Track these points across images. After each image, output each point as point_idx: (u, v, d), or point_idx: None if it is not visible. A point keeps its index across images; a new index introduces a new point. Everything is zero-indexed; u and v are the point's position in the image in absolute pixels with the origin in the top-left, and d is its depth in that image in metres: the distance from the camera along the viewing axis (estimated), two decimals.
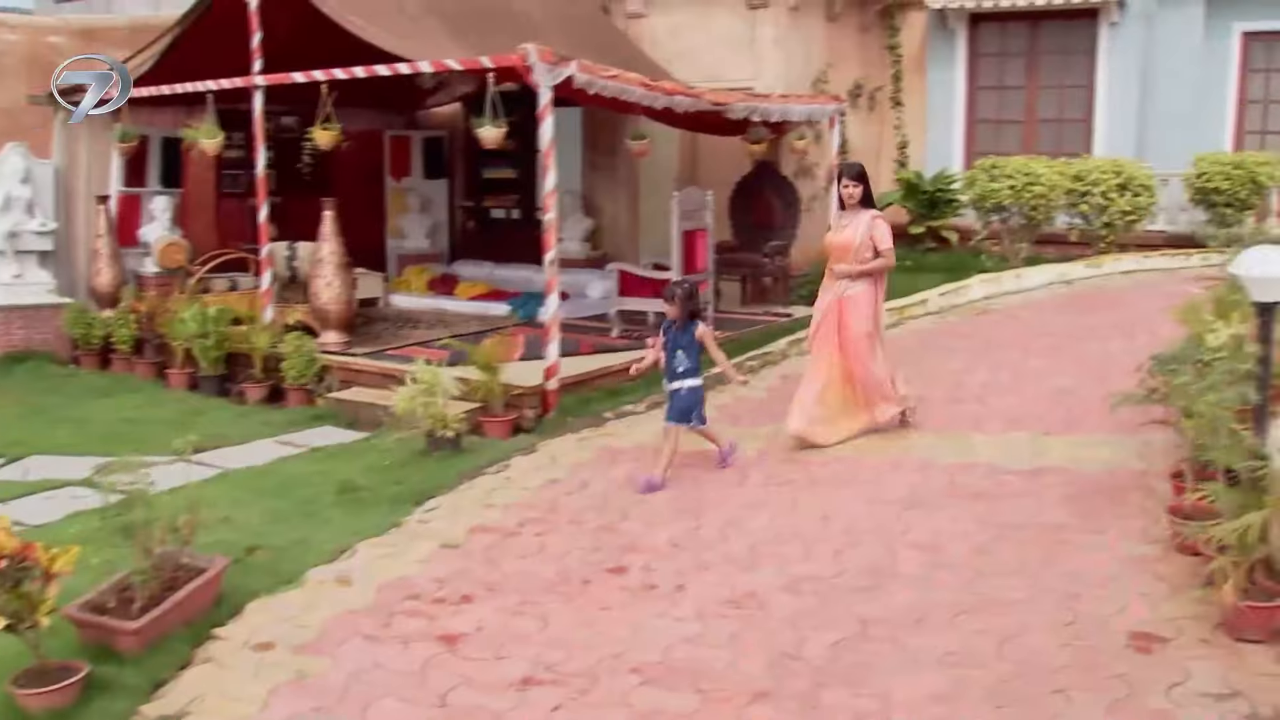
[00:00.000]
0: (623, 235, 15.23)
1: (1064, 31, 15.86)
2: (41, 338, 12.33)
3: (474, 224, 16.82)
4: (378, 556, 6.13)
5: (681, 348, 7.52)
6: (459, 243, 16.67)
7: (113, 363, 12.03)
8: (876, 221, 8.03)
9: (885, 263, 8.08)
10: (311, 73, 10.17)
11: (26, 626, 4.43)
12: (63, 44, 14.54)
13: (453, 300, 13.49)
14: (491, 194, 16.59)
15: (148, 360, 11.73)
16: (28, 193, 12.46)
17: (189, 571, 5.34)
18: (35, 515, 7.14)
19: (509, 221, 16.55)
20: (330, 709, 4.45)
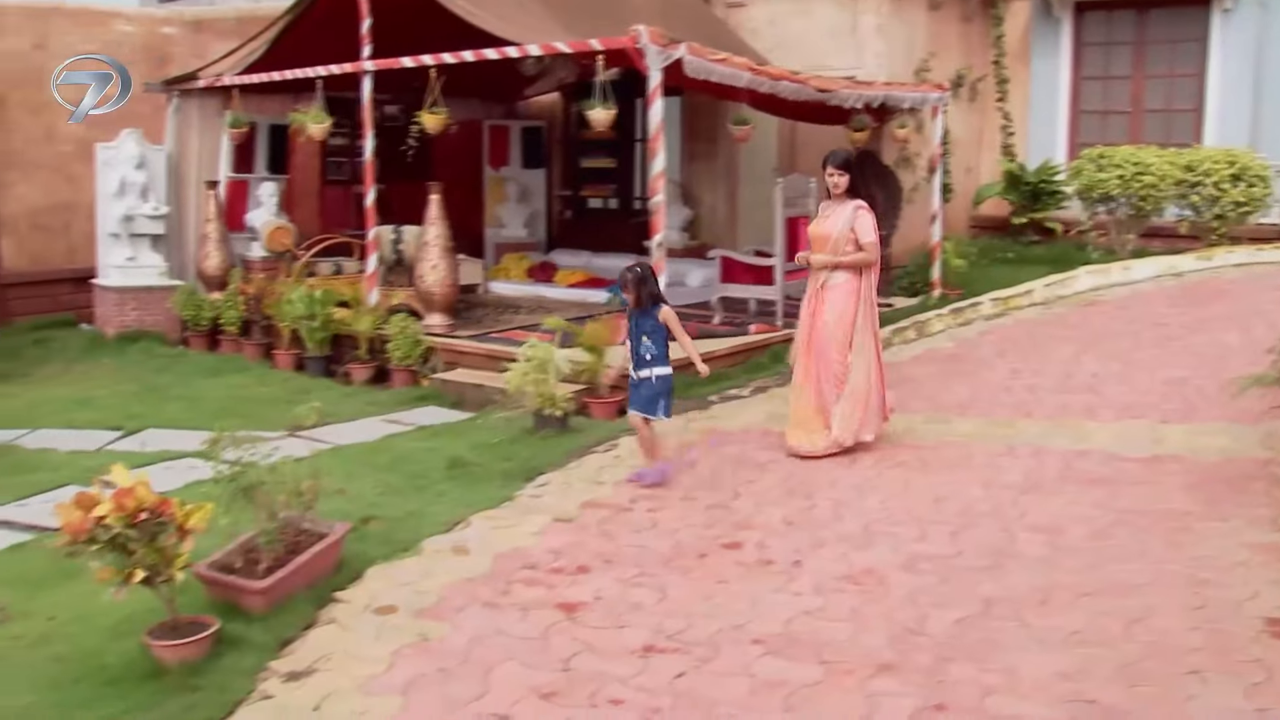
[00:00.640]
0: (721, 225, 15.20)
1: (1174, 19, 15.50)
2: (153, 319, 12.61)
3: (571, 213, 16.91)
4: (492, 528, 6.18)
5: (645, 333, 7.02)
6: (556, 232, 16.77)
7: (221, 344, 12.27)
8: (859, 212, 7.44)
9: (865, 257, 7.43)
10: (420, 57, 10.28)
11: (162, 580, 4.52)
12: (175, 34, 14.88)
13: (552, 287, 13.57)
14: (589, 183, 16.66)
15: (255, 341, 11.95)
16: (142, 178, 12.74)
17: (311, 536, 5.42)
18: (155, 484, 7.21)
19: (606, 211, 16.61)
20: (453, 671, 4.48)
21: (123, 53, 14.33)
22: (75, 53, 13.97)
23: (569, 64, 13.66)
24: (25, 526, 6.65)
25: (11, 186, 13.61)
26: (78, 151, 13.89)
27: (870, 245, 7.45)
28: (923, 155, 14.07)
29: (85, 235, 13.81)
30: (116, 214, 12.69)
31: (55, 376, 11.27)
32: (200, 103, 13.39)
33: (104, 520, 4.32)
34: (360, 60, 10.87)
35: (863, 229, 7.42)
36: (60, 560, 5.94)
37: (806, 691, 4.26)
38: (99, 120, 13.90)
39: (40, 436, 8.81)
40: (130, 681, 4.49)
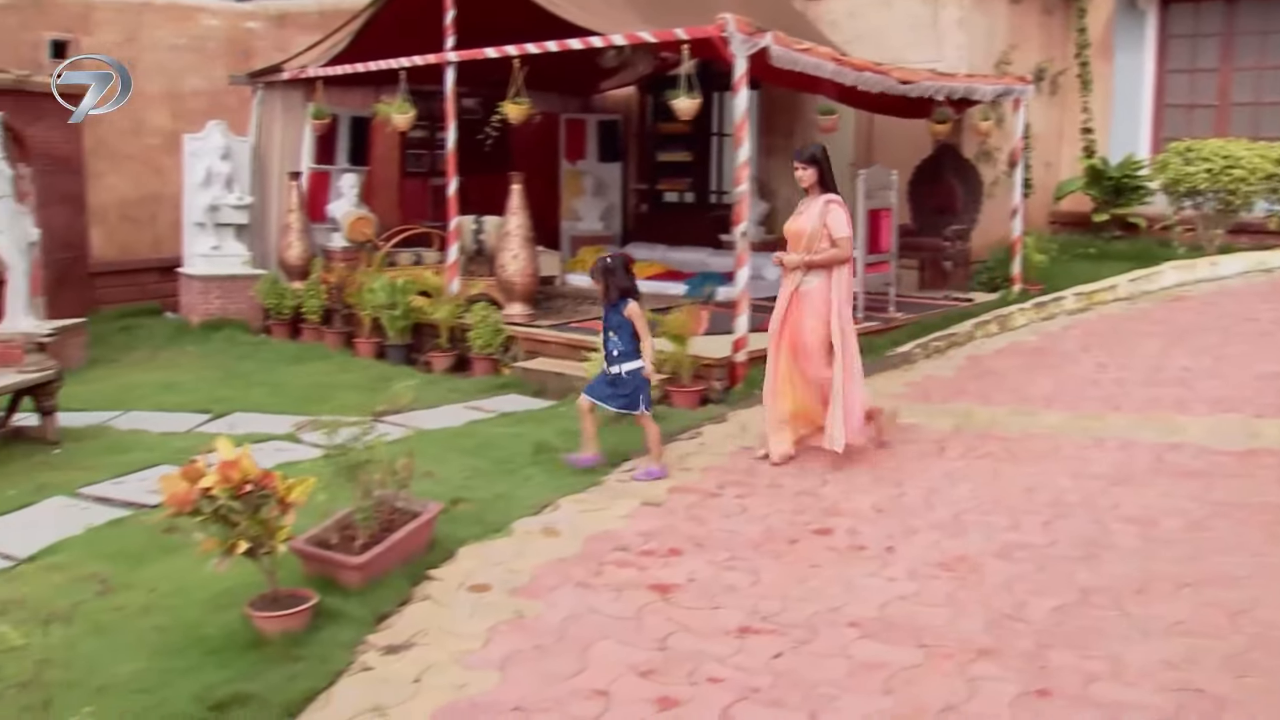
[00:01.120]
0: None
1: (1265, 10, 15.14)
2: (236, 307, 12.79)
3: (647, 207, 16.90)
4: (581, 511, 6.20)
5: (613, 329, 6.96)
6: (631, 225, 16.78)
7: (302, 332, 12.42)
8: (830, 207, 7.07)
9: (837, 254, 7.04)
10: (504, 48, 10.33)
11: (264, 552, 4.59)
12: (259, 29, 15.09)
13: None
14: (665, 177, 16.65)
15: (336, 330, 12.08)
16: (227, 168, 12.93)
17: (404, 515, 5.47)
18: None
19: (682, 205, 16.59)
20: (550, 648, 4.50)
21: (208, 47, 14.67)
22: (164, 47, 14.27)
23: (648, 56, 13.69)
24: (123, 503, 6.78)
25: (101, 177, 13.88)
26: (164, 144, 14.16)
27: (843, 241, 7.06)
28: (1002, 149, 13.89)
29: (171, 225, 14.05)
30: (202, 204, 12.90)
31: (142, 362, 11.47)
32: (283, 95, 13.57)
33: (210, 492, 4.39)
34: (443, 51, 10.93)
35: (835, 224, 7.06)
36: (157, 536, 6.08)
37: (906, 674, 4.23)
38: (185, 112, 14.24)
39: (132, 418, 8.97)
40: (231, 651, 4.56)
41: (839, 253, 7.06)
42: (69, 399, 8.65)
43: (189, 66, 14.58)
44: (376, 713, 4.02)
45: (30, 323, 10.31)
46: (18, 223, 10.79)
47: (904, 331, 10.80)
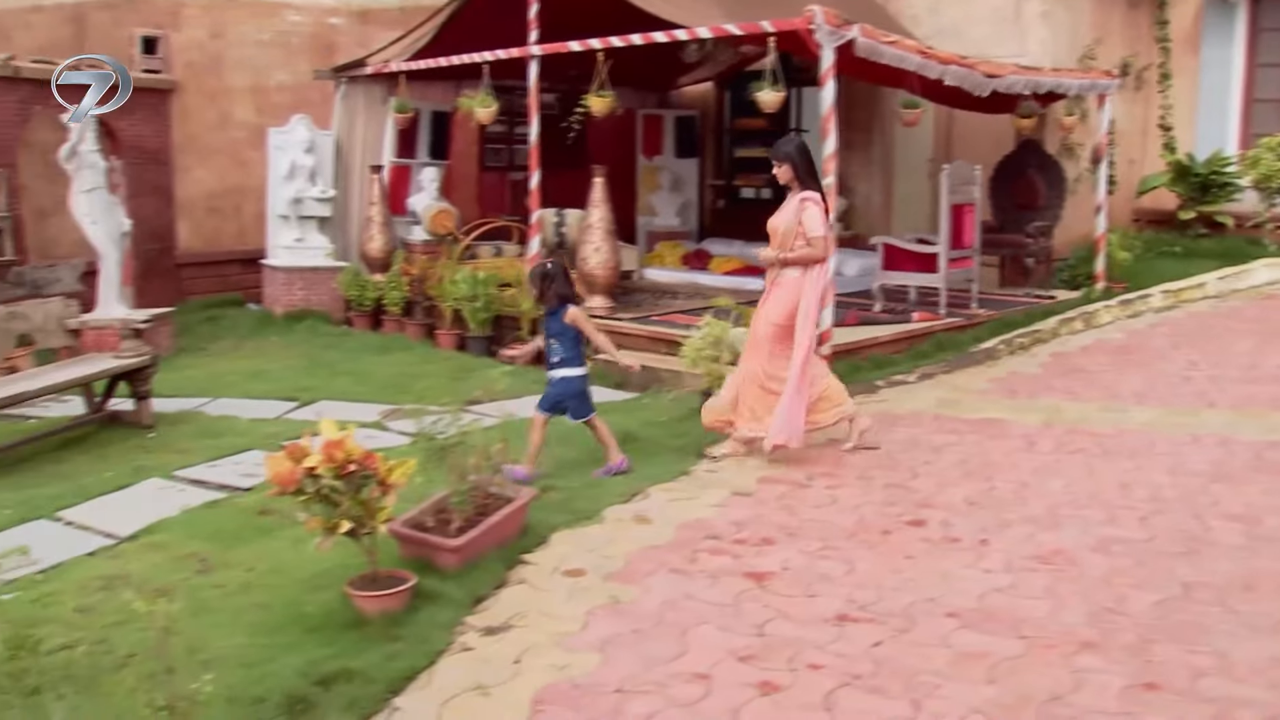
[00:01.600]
0: (876, 215, 15.03)
1: None
2: (318, 298, 12.97)
3: (724, 203, 16.88)
4: (671, 500, 6.20)
5: (553, 335, 6.94)
6: (708, 221, 16.76)
7: (383, 323, 12.55)
8: (804, 204, 6.91)
9: (810, 253, 6.88)
10: (588, 41, 10.36)
11: (365, 533, 4.63)
12: (342, 24, 15.28)
13: (707, 274, 13.56)
14: (742, 173, 16.62)
15: (417, 322, 12.20)
16: (311, 162, 13.11)
17: (498, 499, 5.50)
18: None
19: (759, 201, 16.53)
20: (648, 632, 4.50)
21: (292, 42, 14.87)
22: (249, 42, 14.49)
23: (729, 50, 13.71)
24: (217, 486, 6.91)
25: (189, 171, 14.13)
26: (249, 137, 14.39)
27: (816, 240, 6.88)
28: (1085, 145, 13.71)
29: (254, 217, 14.28)
30: (286, 197, 13.09)
31: (228, 351, 11.67)
32: (366, 89, 13.74)
33: (314, 471, 4.44)
34: (527, 46, 10.99)
35: (810, 222, 6.89)
36: (252, 517, 6.23)
37: (1009, 664, 4.18)
38: (270, 107, 14.45)
39: (221, 405, 9.12)
40: (331, 629, 4.61)
41: (812, 252, 6.92)
42: (160, 385, 8.82)
43: (273, 62, 14.80)
44: (479, 692, 4.04)
45: (123, 310, 10.53)
46: (111, 213, 11.03)
47: (986, 328, 10.70)
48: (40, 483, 7.17)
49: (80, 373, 8.14)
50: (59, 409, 8.97)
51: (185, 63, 14.10)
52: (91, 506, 6.63)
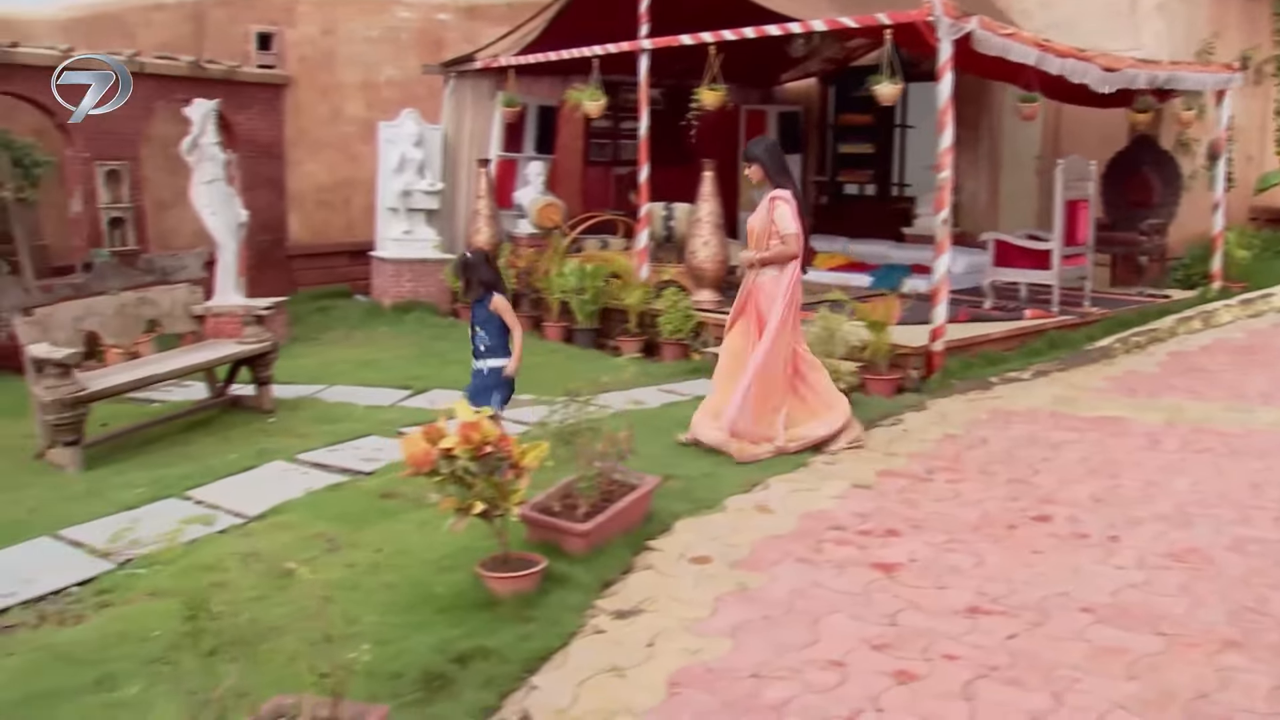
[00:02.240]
0: (981, 212, 14.82)
1: None
2: (426, 290, 13.12)
3: (826, 199, 16.78)
4: (791, 491, 6.20)
5: (479, 324, 6.80)
6: (811, 217, 16.65)
7: None
8: (774, 203, 6.99)
9: (784, 250, 6.93)
10: (700, 35, 10.36)
11: (498, 515, 4.69)
12: (450, 20, 15.44)
13: (811, 270, 13.38)
14: (846, 169, 16.51)
15: (524, 314, 12.23)
16: (420, 155, 13.27)
17: (623, 486, 5.54)
18: None
19: (862, 197, 16.43)
20: (779, 620, 4.50)
21: (401, 38, 15.06)
22: (360, 38, 14.71)
23: (836, 45, 13.63)
24: (339, 469, 7.02)
25: (300, 164, 14.38)
26: (359, 132, 14.61)
27: (790, 236, 6.91)
28: (1201, 141, 13.40)
29: (362, 211, 14.49)
30: (395, 190, 13.26)
31: (339, 341, 11.86)
32: (474, 84, 13.88)
33: (450, 453, 4.50)
34: (637, 39, 11.01)
35: (781, 220, 6.94)
36: (375, 500, 6.34)
37: (1149, 660, 4.11)
38: (379, 101, 14.66)
39: (336, 392, 9.27)
40: (462, 610, 4.66)
41: (785, 249, 6.95)
42: (277, 372, 8.98)
43: (383, 57, 15.00)
44: (614, 673, 4.07)
45: (238, 299, 10.77)
46: (229, 205, 11.28)
47: (1100, 326, 10.52)
48: (169, 463, 7.36)
49: (208, 357, 8.34)
50: (180, 393, 9.20)
51: (298, 58, 14.36)
52: (219, 487, 6.78)
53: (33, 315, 7.46)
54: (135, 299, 8.25)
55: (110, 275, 8.25)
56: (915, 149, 15.88)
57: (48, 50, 11.37)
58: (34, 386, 7.30)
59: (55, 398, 7.04)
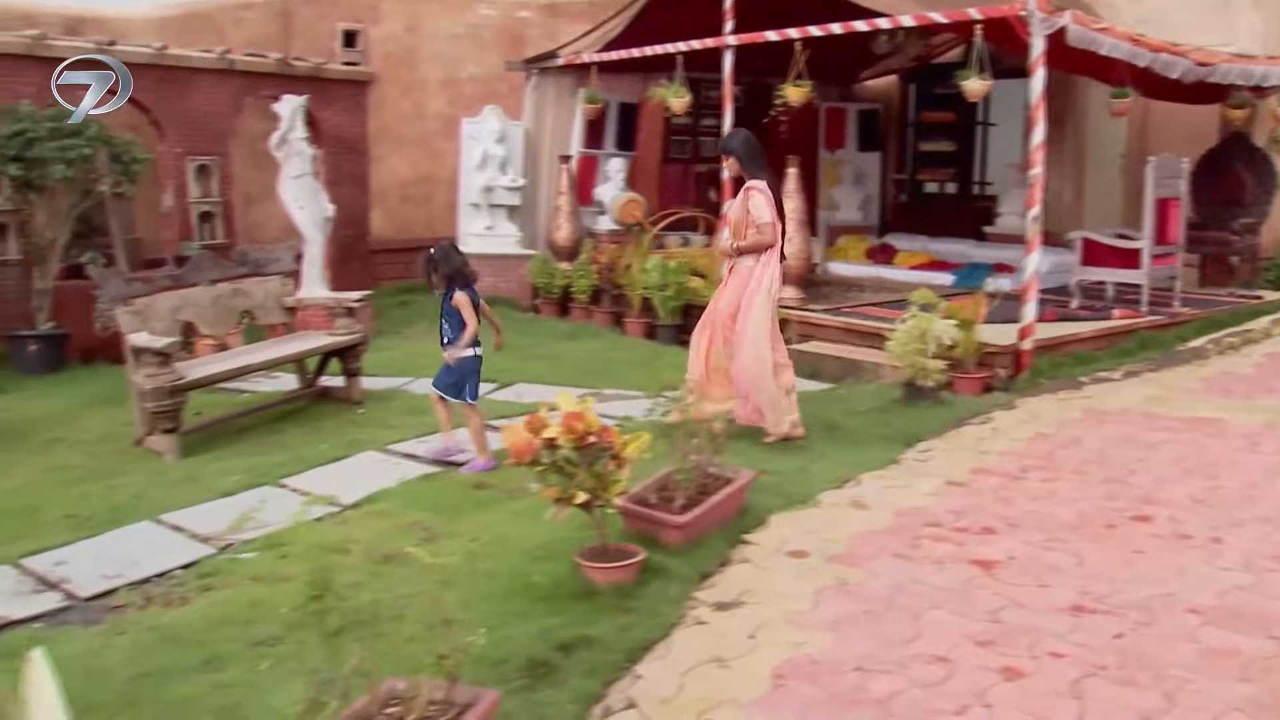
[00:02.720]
0: (1065, 210, 14.64)
1: None
2: (507, 285, 13.21)
3: (906, 197, 16.67)
4: (884, 487, 6.16)
5: (445, 316, 7.07)
6: (890, 216, 16.57)
7: (571, 310, 12.73)
8: (749, 193, 7.10)
9: (759, 239, 7.03)
10: (785, 31, 10.33)
11: (598, 505, 4.71)
12: (530, 18, 15.54)
13: (892, 269, 13.38)
14: (926, 167, 16.38)
15: (605, 309, 12.33)
16: (502, 151, 13.38)
17: (718, 480, 5.54)
18: None
19: (942, 195, 16.29)
20: (880, 614, 4.48)
21: (483, 35, 15.19)
22: (443, 35, 14.86)
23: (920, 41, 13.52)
24: (430, 460, 7.10)
25: (383, 160, 14.55)
26: (441, 128, 14.76)
27: (765, 226, 7.00)
28: None
29: (443, 206, 14.65)
30: (477, 185, 13.36)
31: (422, 334, 11.94)
32: (556, 81, 13.96)
33: (554, 442, 4.53)
34: (721, 36, 11.01)
35: (755, 210, 7.04)
36: (468, 491, 6.41)
37: (1263, 663, 4.03)
38: (461, 98, 14.80)
39: (423, 385, 9.31)
40: (561, 599, 4.69)
41: (761, 238, 7.04)
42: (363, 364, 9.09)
43: (465, 54, 15.14)
44: (717, 664, 4.08)
45: (324, 291, 10.92)
46: (316, 199, 11.45)
47: (1191, 327, 10.36)
48: (262, 451, 7.49)
49: (301, 348, 8.46)
50: (269, 384, 9.36)
51: (382, 55, 14.53)
52: (313, 475, 6.89)
53: (133, 305, 7.63)
54: (230, 290, 8.39)
55: (206, 267, 8.40)
56: (997, 147, 15.73)
57: (142, 49, 11.61)
58: (133, 375, 7.46)
59: (155, 386, 7.18)
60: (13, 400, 9.26)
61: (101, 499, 6.60)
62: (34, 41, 10.70)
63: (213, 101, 12.28)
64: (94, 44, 11.17)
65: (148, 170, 11.18)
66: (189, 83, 12.02)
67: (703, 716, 3.71)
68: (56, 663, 4.48)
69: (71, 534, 5.98)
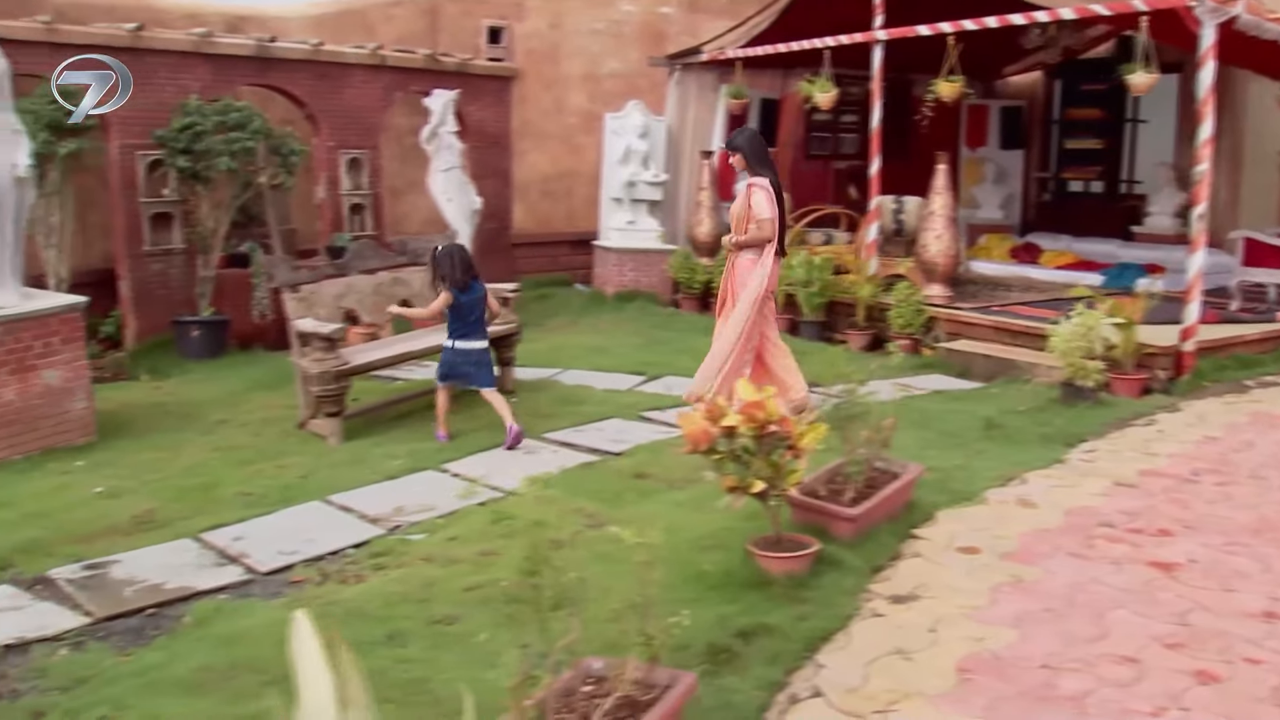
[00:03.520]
0: (1221, 210, 14.12)
1: None
2: (647, 280, 13.28)
3: (1049, 196, 16.34)
4: (1051, 486, 6.07)
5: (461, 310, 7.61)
6: (1033, 215, 16.26)
7: (711, 306, 12.71)
8: (752, 190, 7.40)
9: (757, 234, 7.36)
10: (938, 25, 10.20)
11: (774, 494, 4.72)
12: (671, 14, 15.59)
13: (1037, 268, 13.13)
14: (1071, 165, 16.02)
15: None
16: (644, 146, 13.43)
17: (884, 474, 5.52)
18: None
19: (1088, 194, 15.92)
20: (1061, 613, 4.42)
21: (624, 31, 15.28)
22: (585, 31, 15.00)
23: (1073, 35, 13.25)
24: (587, 449, 7.19)
25: (525, 155, 14.74)
26: (581, 123, 14.90)
27: (764, 221, 7.33)
28: None
29: (584, 201, 14.78)
30: (620, 180, 13.45)
31: (564, 328, 12.10)
32: (698, 76, 13.98)
33: (734, 431, 4.55)
34: (870, 30, 10.92)
35: (755, 206, 7.36)
36: (628, 479, 6.46)
37: None
38: (601, 94, 14.91)
39: (572, 376, 9.47)
40: (733, 588, 4.71)
41: (760, 233, 7.36)
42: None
43: (606, 50, 15.25)
44: (900, 656, 4.07)
45: None
46: (464, 192, 11.65)
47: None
48: (421, 437, 7.63)
49: None
50: (421, 372, 9.54)
51: (525, 51, 14.71)
52: (472, 461, 7.02)
53: (299, 292, 7.85)
54: (390, 279, 8.59)
55: (368, 256, 8.60)
56: (1146, 144, 15.32)
57: (299, 45, 11.94)
58: (300, 360, 7.67)
59: (322, 370, 7.38)
60: (179, 384, 9.61)
61: (272, 478, 6.81)
62: (200, 39, 11.07)
63: (364, 96, 12.57)
64: (255, 41, 11.53)
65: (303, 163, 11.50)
66: (343, 78, 12.32)
67: (891, 707, 3.71)
68: (247, 632, 4.68)
69: (246, 511, 6.18)
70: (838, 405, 5.36)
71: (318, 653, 2.10)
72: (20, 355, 7.42)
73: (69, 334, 7.73)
